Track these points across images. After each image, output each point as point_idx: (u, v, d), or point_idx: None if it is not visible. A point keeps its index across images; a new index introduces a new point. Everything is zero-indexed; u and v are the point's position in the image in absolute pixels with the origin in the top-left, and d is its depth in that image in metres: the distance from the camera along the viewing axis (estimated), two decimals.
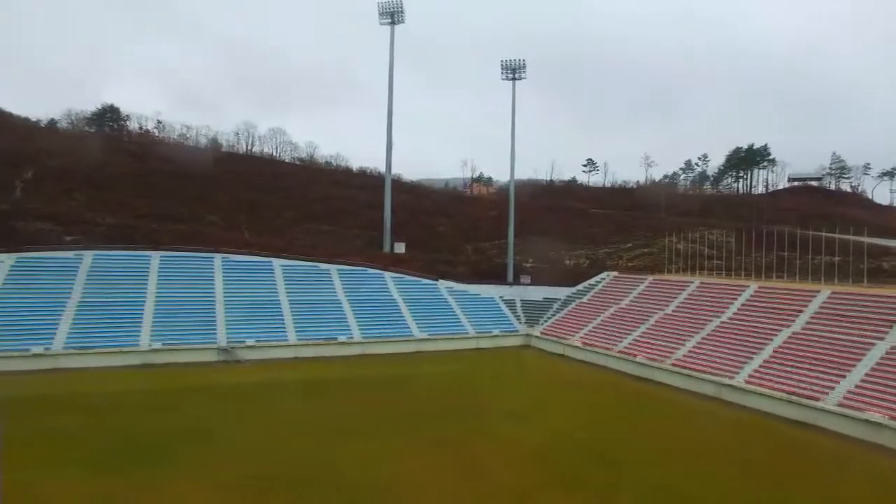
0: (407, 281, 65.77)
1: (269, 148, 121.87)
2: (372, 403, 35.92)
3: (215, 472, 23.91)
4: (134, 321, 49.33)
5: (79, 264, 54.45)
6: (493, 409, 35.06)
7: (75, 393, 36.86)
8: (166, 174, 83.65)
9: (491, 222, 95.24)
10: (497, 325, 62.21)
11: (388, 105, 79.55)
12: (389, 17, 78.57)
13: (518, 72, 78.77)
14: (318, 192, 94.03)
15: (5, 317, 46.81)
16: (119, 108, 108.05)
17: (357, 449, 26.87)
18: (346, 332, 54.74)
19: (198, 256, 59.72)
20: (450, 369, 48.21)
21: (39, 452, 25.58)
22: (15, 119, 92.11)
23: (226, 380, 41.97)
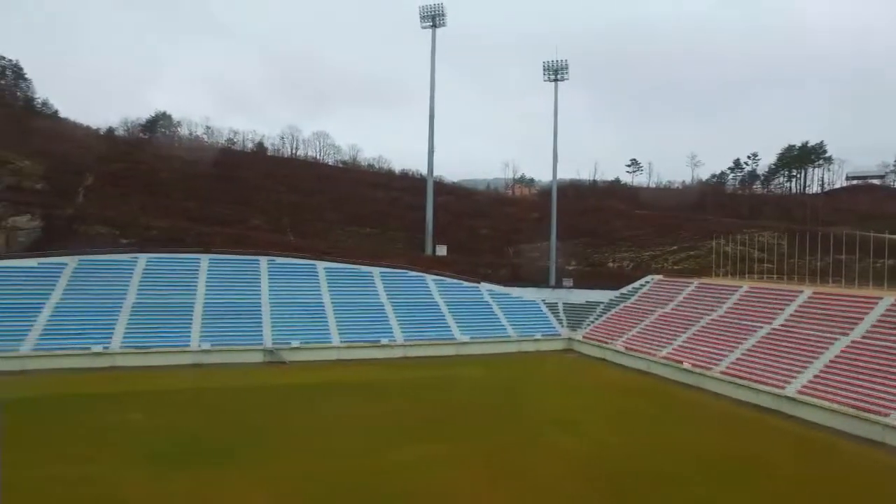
0: (448, 283, 65.99)
1: (312, 151, 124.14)
2: (415, 408, 36.20)
3: (267, 471, 24.54)
4: (185, 322, 51.07)
5: (133, 267, 56.72)
6: (537, 415, 34.83)
7: (134, 392, 38.39)
8: (214, 178, 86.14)
9: (533, 224, 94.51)
10: (539, 329, 61.78)
11: (430, 108, 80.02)
12: (431, 21, 79.01)
13: (560, 73, 78.07)
14: (361, 194, 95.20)
15: (69, 316, 49.28)
16: (171, 114, 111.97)
17: (401, 455, 27.10)
18: (388, 334, 55.30)
19: (245, 259, 61.38)
20: (492, 373, 48.10)
21: (107, 448, 26.90)
22: (78, 128, 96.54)
23: (272, 381, 42.98)
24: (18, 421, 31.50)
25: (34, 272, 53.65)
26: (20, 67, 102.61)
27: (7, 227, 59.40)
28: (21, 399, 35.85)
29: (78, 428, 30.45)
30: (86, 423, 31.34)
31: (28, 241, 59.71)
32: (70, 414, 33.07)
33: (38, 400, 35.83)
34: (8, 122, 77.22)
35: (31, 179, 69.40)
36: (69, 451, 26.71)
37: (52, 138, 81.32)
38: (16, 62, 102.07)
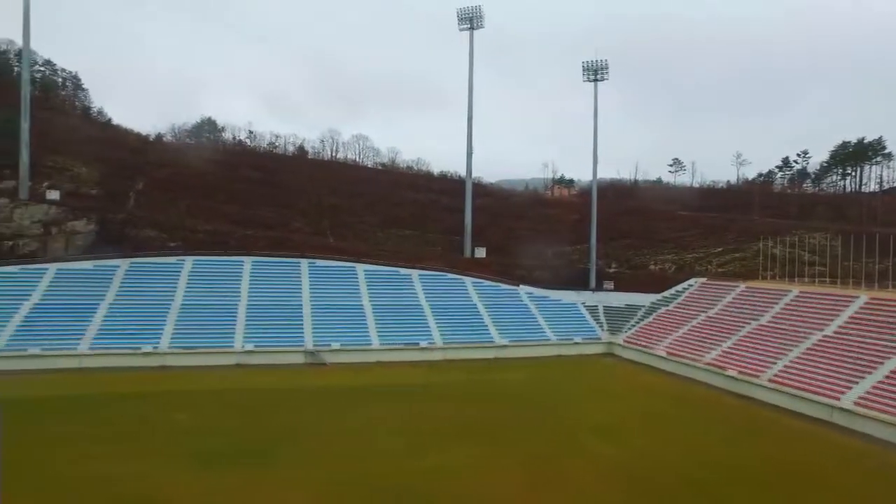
0: (487, 286, 65.85)
1: (352, 154, 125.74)
2: (452, 411, 36.23)
3: (305, 472, 24.95)
4: (229, 323, 52.43)
5: (181, 269, 58.56)
6: (576, 421, 34.37)
7: (181, 391, 39.62)
8: (257, 182, 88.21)
9: (572, 226, 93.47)
10: (579, 333, 61.04)
11: (468, 110, 79.98)
12: (468, 23, 78.99)
13: (600, 73, 76.99)
14: (400, 196, 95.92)
15: (121, 317, 51.26)
16: (215, 120, 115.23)
17: (438, 459, 27.17)
18: (427, 337, 55.53)
19: (286, 262, 62.62)
20: (531, 377, 47.75)
21: (154, 447, 27.88)
22: (130, 135, 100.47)
23: (313, 382, 43.70)
24: (72, 417, 33.05)
25: (90, 274, 56.05)
26: (78, 79, 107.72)
27: (66, 231, 62.15)
28: (77, 396, 37.60)
29: (127, 425, 31.63)
30: (134, 420, 32.57)
31: (85, 244, 62.35)
32: (120, 411, 34.38)
33: (92, 397, 37.40)
34: (67, 131, 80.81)
35: (87, 185, 72.52)
36: (118, 448, 27.76)
37: (106, 145, 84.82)
38: (75, 74, 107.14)
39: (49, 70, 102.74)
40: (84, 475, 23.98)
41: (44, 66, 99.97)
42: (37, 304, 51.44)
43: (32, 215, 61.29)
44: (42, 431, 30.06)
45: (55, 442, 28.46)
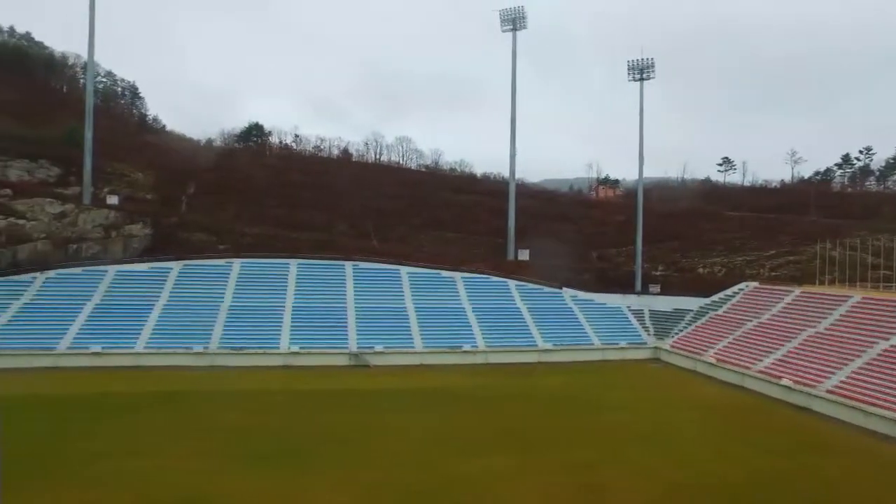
0: (530, 289, 65.38)
1: (396, 156, 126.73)
2: (496, 416, 36.12)
3: (348, 474, 25.25)
4: (275, 325, 53.69)
5: (229, 271, 60.33)
6: (622, 429, 33.72)
7: (230, 391, 40.82)
8: (302, 185, 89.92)
9: (617, 227, 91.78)
10: (624, 337, 59.91)
11: (511, 112, 79.52)
12: (511, 24, 78.47)
13: (646, 72, 75.34)
14: (443, 198, 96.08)
15: (174, 317, 53.23)
16: (262, 124, 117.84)
17: (481, 464, 27.02)
18: (470, 340, 55.53)
19: (331, 264, 63.70)
20: (575, 382, 47.14)
21: (203, 445, 28.79)
22: (182, 140, 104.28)
23: (356, 385, 44.29)
24: (129, 413, 34.52)
25: (145, 275, 58.43)
26: (136, 88, 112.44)
27: (124, 234, 64.88)
28: (133, 393, 39.23)
29: (179, 423, 32.82)
30: (186, 418, 33.76)
31: (140, 247, 64.97)
32: (173, 409, 35.71)
33: (147, 395, 38.96)
34: (126, 139, 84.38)
35: (143, 190, 75.49)
36: (170, 444, 28.77)
37: (160, 151, 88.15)
38: (133, 83, 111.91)
39: (110, 81, 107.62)
40: (138, 469, 24.97)
41: (105, 77, 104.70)
42: (98, 304, 53.93)
43: (94, 220, 64.24)
44: (101, 426, 31.56)
45: (113, 436, 29.85)
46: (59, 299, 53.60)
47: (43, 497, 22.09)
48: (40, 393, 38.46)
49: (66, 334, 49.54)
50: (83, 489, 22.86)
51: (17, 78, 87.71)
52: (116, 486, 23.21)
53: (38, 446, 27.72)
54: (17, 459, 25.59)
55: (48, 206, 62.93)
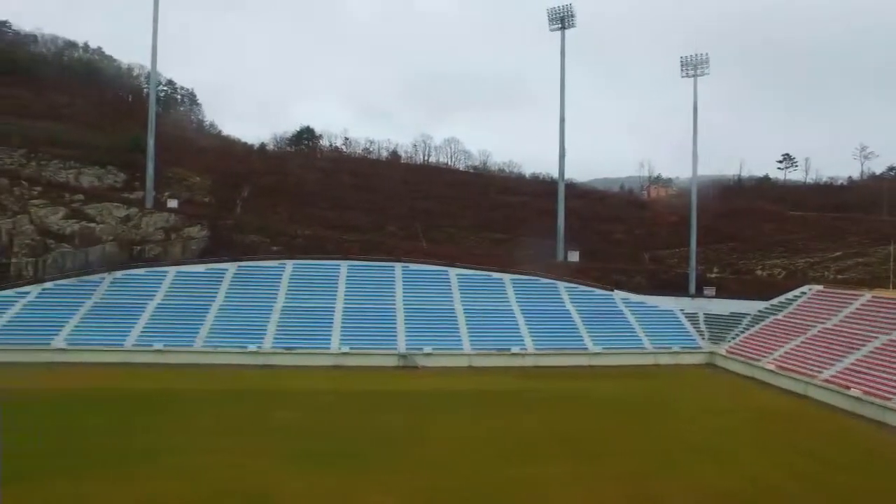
0: (581, 291, 64.40)
1: (444, 157, 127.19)
2: (546, 421, 35.70)
3: (397, 477, 25.44)
4: (326, 325, 54.70)
5: (282, 273, 61.85)
6: (676, 438, 32.77)
7: (281, 390, 41.76)
8: (353, 187, 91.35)
9: (670, 228, 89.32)
10: (677, 341, 58.29)
11: (560, 112, 78.50)
12: (559, 23, 77.47)
13: (700, 68, 72.94)
14: (492, 199, 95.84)
15: (229, 317, 54.97)
16: (313, 128, 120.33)
17: (529, 470, 26.71)
18: (519, 342, 55.14)
19: (380, 266, 64.40)
20: (626, 387, 46.11)
21: (256, 443, 29.56)
22: (237, 144, 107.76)
23: (405, 386, 44.63)
24: (189, 409, 35.83)
25: (203, 276, 60.57)
26: (194, 95, 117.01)
27: (183, 236, 67.54)
28: (192, 390, 40.67)
29: (234, 420, 33.80)
30: (241, 416, 34.77)
31: (198, 248, 67.45)
32: (229, 407, 36.80)
33: (205, 392, 40.31)
34: (184, 144, 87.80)
35: (200, 194, 78.37)
36: (225, 441, 29.61)
37: (216, 156, 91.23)
38: (191, 90, 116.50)
39: (170, 89, 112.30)
40: (195, 465, 25.85)
41: (166, 86, 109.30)
42: (160, 303, 56.26)
43: (156, 222, 67.16)
44: (162, 421, 32.85)
45: (173, 432, 31.03)
46: (126, 298, 56.24)
47: (111, 487, 23.12)
48: (112, 386, 40.57)
49: (131, 332, 51.93)
50: (147, 482, 23.85)
51: (89, 90, 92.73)
52: (177, 480, 24.08)
53: (105, 439, 29.19)
54: (87, 451, 27.23)
55: (115, 210, 66.35)
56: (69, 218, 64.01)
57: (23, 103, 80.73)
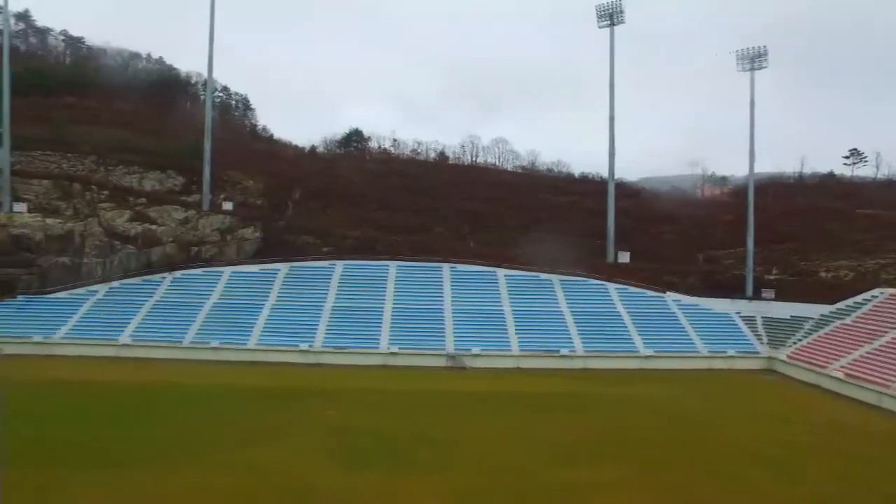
0: (631, 293, 63.06)
1: (492, 158, 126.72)
2: (595, 424, 35.10)
3: (442, 478, 25.40)
4: (375, 325, 55.43)
5: (332, 273, 63.04)
6: (733, 447, 31.51)
7: (331, 389, 42.40)
8: (401, 188, 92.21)
9: (725, 228, 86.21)
10: (733, 345, 56.29)
11: (610, 110, 77.07)
12: (608, 19, 76.00)
13: (757, 61, 70.03)
14: (540, 199, 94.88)
15: (282, 316, 56.45)
16: (362, 130, 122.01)
17: (576, 475, 26.11)
18: (568, 344, 54.45)
19: (428, 266, 64.75)
20: (679, 392, 44.79)
21: (305, 440, 30.16)
22: (288, 148, 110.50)
23: (453, 387, 44.68)
24: (243, 405, 36.91)
25: (256, 276, 62.42)
26: (248, 100, 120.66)
27: (237, 238, 69.77)
28: (247, 386, 41.90)
29: (286, 417, 34.57)
30: (293, 413, 35.51)
31: (251, 249, 69.51)
32: (282, 403, 37.67)
33: (259, 388, 41.49)
34: (238, 148, 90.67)
35: (254, 196, 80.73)
36: (277, 438, 30.09)
37: (269, 159, 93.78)
38: (245, 96, 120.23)
39: (225, 95, 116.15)
40: (244, 459, 26.54)
41: (221, 92, 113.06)
42: (216, 302, 58.30)
43: (212, 224, 69.64)
44: (218, 416, 33.96)
45: (224, 426, 32.06)
46: (184, 297, 58.58)
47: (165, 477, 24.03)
48: (170, 381, 42.43)
49: (189, 329, 54.01)
50: (197, 474, 24.63)
51: (151, 98, 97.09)
52: (225, 474, 24.76)
53: (161, 431, 30.51)
54: (145, 441, 28.53)
55: (174, 213, 69.16)
56: (133, 220, 67.10)
57: (93, 113, 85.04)
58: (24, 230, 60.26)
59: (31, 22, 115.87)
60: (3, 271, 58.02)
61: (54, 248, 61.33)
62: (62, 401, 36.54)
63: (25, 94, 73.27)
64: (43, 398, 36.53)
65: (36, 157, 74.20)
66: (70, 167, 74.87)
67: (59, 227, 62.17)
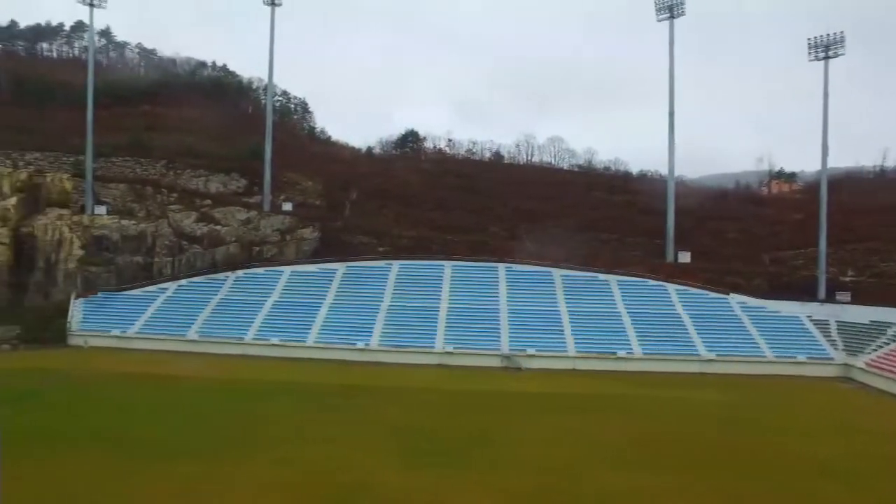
0: (692, 294, 61.09)
1: (547, 157, 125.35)
2: (652, 429, 34.00)
3: (495, 479, 25.08)
4: (431, 325, 55.86)
5: (388, 273, 63.92)
6: (800, 456, 29.80)
7: (388, 387, 43.05)
8: (456, 188, 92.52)
9: (794, 227, 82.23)
10: (803, 350, 53.62)
11: (670, 105, 74.85)
12: (668, 12, 73.85)
13: (832, 48, 66.30)
14: (597, 198, 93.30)
15: (339, 315, 57.74)
16: (417, 131, 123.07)
17: (632, 481, 25.20)
18: (625, 346, 53.30)
19: (484, 266, 64.76)
20: (743, 398, 42.95)
21: (363, 438, 30.55)
22: (345, 149, 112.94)
23: (509, 387, 44.52)
24: (303, 402, 37.86)
25: (314, 276, 64.05)
26: (306, 103, 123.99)
27: (296, 238, 71.85)
28: (307, 383, 43.09)
29: (343, 414, 35.22)
30: (350, 410, 36.12)
31: (310, 249, 71.43)
32: (339, 401, 38.44)
33: (317, 385, 42.55)
34: (297, 150, 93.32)
35: (312, 197, 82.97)
36: (335, 435, 30.72)
37: (326, 160, 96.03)
38: (303, 99, 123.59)
39: (285, 99, 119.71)
40: (302, 455, 27.02)
41: (281, 97, 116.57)
42: (277, 300, 60.20)
43: (273, 224, 72.00)
44: (274, 411, 34.97)
45: (283, 421, 32.94)
46: (246, 295, 60.82)
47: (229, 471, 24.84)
48: (233, 377, 44.01)
49: (251, 326, 56.01)
50: (257, 467, 25.32)
51: (216, 104, 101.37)
52: (284, 467, 25.33)
53: (224, 425, 31.67)
54: (207, 435, 29.68)
55: (237, 214, 72.00)
56: (199, 221, 70.26)
57: (164, 120, 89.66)
58: (103, 231, 64.25)
59: (111, 38, 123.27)
60: (86, 269, 61.97)
61: (129, 248, 65.06)
62: (129, 393, 38.63)
63: (106, 105, 78.39)
64: (112, 390, 39.17)
65: (115, 162, 79.46)
66: (143, 172, 79.44)
67: (133, 227, 65.95)
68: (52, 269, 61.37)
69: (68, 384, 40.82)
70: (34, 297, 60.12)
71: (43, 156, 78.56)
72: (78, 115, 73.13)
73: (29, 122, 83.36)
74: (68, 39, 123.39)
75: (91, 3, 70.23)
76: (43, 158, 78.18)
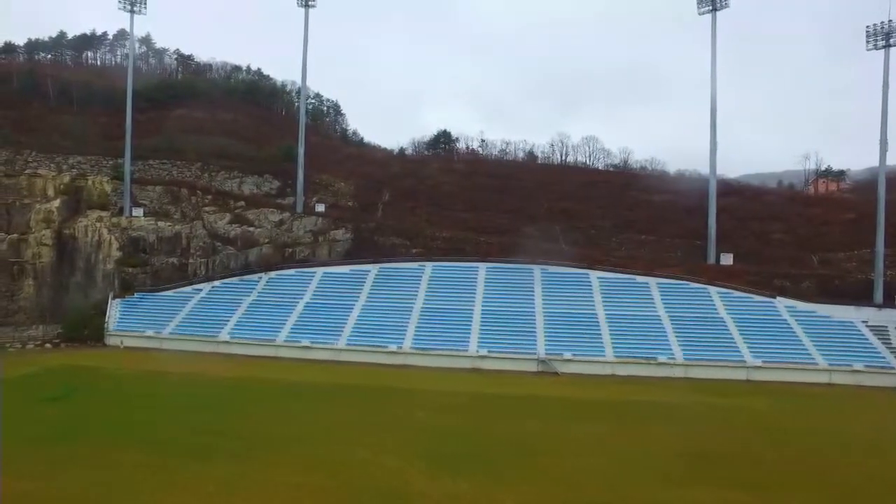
0: (736, 297, 58.52)
1: (582, 156, 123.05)
2: (695, 439, 32.10)
3: (529, 488, 23.84)
4: (464, 328, 54.70)
5: (421, 274, 63.02)
6: (860, 471, 27.60)
7: (420, 390, 42.06)
8: (489, 189, 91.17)
9: (845, 227, 78.39)
10: (859, 358, 50.68)
11: (712, 101, 72.21)
12: (709, 4, 71.26)
13: (894, 36, 62.74)
14: (634, 198, 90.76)
15: (371, 317, 57.05)
16: (449, 131, 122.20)
17: (677, 496, 23.61)
18: (666, 351, 51.25)
19: (518, 268, 63.31)
20: (792, 407, 40.67)
21: (395, 441, 29.53)
22: (378, 150, 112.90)
23: (545, 392, 43.08)
24: (333, 402, 37.33)
25: (347, 277, 63.62)
26: (338, 106, 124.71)
27: (329, 239, 71.68)
28: (337, 384, 42.57)
29: (374, 417, 34.40)
30: (381, 413, 35.31)
31: (342, 250, 71.14)
32: (366, 404, 37.63)
33: (348, 387, 41.98)
34: (330, 152, 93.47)
35: (344, 198, 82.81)
36: (368, 437, 29.92)
37: (359, 162, 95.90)
38: (335, 101, 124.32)
39: (317, 101, 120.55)
40: (332, 457, 26.35)
41: (314, 99, 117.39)
42: (308, 302, 59.91)
43: (305, 226, 72.03)
44: (305, 412, 34.29)
45: (314, 423, 32.33)
46: (278, 297, 60.72)
47: (262, 471, 24.25)
48: (264, 377, 43.82)
49: (283, 328, 55.80)
50: (289, 469, 24.62)
51: (251, 107, 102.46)
52: (315, 470, 24.58)
53: (256, 425, 31.08)
54: (240, 435, 29.18)
55: (270, 215, 72.27)
56: (233, 223, 70.73)
57: (199, 123, 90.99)
58: (140, 233, 65.19)
59: (151, 45, 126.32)
60: (124, 270, 62.94)
61: (165, 249, 65.84)
62: (164, 392, 38.86)
63: (143, 109, 79.83)
64: (148, 389, 39.44)
65: (151, 165, 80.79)
66: (178, 174, 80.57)
67: (168, 229, 66.69)
68: (91, 269, 62.54)
69: (105, 383, 41.42)
70: (74, 297, 61.26)
71: (85, 159, 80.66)
72: (118, 120, 74.67)
73: (73, 127, 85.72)
74: (111, 48, 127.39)
75: (132, 10, 71.53)
76: (85, 162, 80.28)
